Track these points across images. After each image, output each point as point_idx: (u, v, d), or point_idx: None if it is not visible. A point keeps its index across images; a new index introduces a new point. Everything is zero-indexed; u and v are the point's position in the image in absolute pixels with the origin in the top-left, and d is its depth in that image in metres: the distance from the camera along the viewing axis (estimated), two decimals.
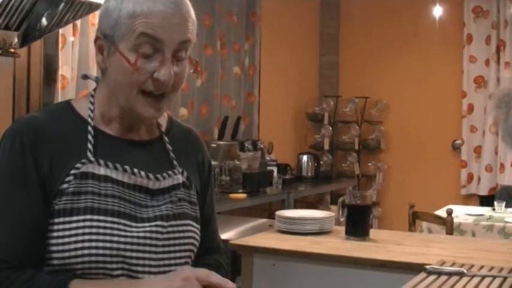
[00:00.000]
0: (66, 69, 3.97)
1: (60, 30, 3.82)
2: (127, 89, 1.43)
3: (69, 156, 1.42)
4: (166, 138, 1.59)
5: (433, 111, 6.86)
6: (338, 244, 2.89)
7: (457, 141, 6.85)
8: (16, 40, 3.27)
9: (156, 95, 1.44)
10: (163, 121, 1.62)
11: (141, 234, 1.42)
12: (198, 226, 1.56)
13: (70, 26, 3.90)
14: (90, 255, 1.36)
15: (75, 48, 4.03)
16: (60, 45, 3.91)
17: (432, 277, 2.21)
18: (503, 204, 5.07)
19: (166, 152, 1.57)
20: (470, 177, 6.77)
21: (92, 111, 1.49)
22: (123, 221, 1.41)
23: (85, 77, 1.61)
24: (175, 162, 1.56)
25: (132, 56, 1.40)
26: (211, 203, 1.69)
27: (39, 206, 1.38)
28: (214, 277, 1.31)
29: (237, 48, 5.86)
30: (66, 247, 1.37)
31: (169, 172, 1.53)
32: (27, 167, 1.39)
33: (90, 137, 1.45)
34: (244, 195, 4.98)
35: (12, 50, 3.29)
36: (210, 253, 1.65)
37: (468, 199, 6.69)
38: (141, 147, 1.53)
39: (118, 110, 1.49)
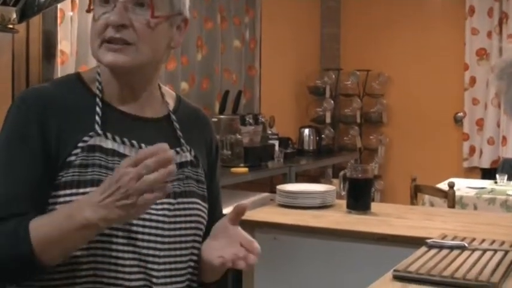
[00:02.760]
0: (65, 45, 3.95)
1: (59, 5, 3.79)
2: (93, 42, 1.45)
3: (77, 129, 1.41)
4: (173, 117, 1.58)
5: (435, 84, 6.83)
6: (339, 218, 2.89)
7: (459, 114, 6.83)
8: (14, 16, 3.25)
9: (118, 43, 1.43)
10: (170, 100, 1.61)
11: (148, 210, 1.40)
12: (206, 205, 1.56)
13: (68, 1, 3.87)
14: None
15: (74, 23, 4.01)
16: (59, 21, 3.88)
17: (433, 251, 2.21)
18: (506, 177, 5.07)
19: (174, 130, 1.56)
20: (472, 150, 6.76)
21: (99, 83, 1.48)
22: None
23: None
24: (182, 140, 1.55)
25: (97, 9, 1.45)
26: (218, 185, 1.69)
27: (39, 172, 1.37)
28: (143, 150, 1.27)
29: (237, 21, 5.82)
30: None
31: (177, 149, 1.52)
32: (31, 134, 1.38)
33: (98, 109, 1.44)
34: (245, 170, 4.97)
35: (10, 26, 3.27)
36: None
37: (470, 172, 6.68)
38: (148, 124, 1.52)
39: (111, 80, 1.49)
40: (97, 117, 1.43)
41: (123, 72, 1.46)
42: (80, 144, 1.40)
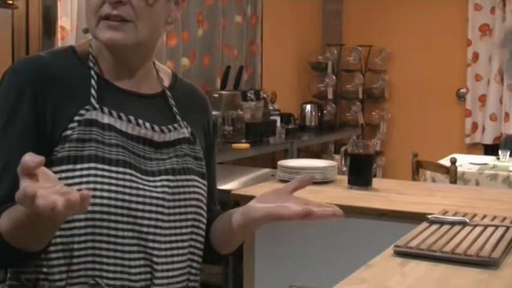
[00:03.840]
0: (65, 21, 3.93)
1: None
2: (89, 20, 1.41)
3: (72, 102, 1.38)
4: (169, 93, 1.55)
5: (438, 60, 6.80)
6: (340, 193, 2.88)
7: (461, 90, 6.80)
8: None
9: (115, 20, 1.39)
10: (166, 77, 1.59)
11: (147, 188, 1.39)
12: (204, 182, 1.53)
13: None
14: (94, 204, 1.32)
15: None
16: None
17: (434, 226, 2.20)
18: (508, 153, 5.05)
19: (169, 107, 1.54)
20: (474, 126, 6.74)
21: (93, 57, 1.46)
22: (128, 171, 1.37)
23: (86, 31, 1.57)
24: (178, 117, 1.53)
25: None
26: (215, 165, 1.67)
27: (30, 147, 1.33)
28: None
29: None
30: None
31: (175, 125, 1.50)
32: (23, 107, 1.35)
33: (93, 83, 1.42)
34: (247, 145, 4.97)
35: (10, 2, 3.25)
36: (210, 209, 1.63)
37: (472, 148, 6.67)
38: (143, 100, 1.50)
39: (106, 55, 1.46)
40: (93, 91, 1.41)
41: (121, 49, 1.43)
42: (77, 118, 1.37)
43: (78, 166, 1.34)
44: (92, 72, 1.44)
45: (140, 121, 1.43)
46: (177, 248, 1.44)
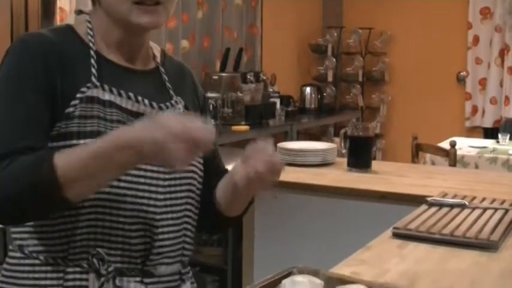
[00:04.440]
0: (64, 2, 3.91)
1: None
2: (121, 5, 1.42)
3: (74, 79, 1.40)
4: (162, 69, 1.58)
5: (438, 43, 6.78)
6: (340, 176, 2.88)
7: (461, 73, 6.79)
8: None
9: (150, 4, 1.42)
10: (157, 53, 1.61)
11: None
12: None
13: None
14: None
15: None
16: None
17: (433, 209, 2.20)
18: (508, 136, 5.05)
19: (163, 83, 1.56)
20: (474, 109, 6.74)
21: (91, 36, 1.47)
22: None
23: (79, 12, 1.56)
24: (171, 92, 1.55)
25: None
26: None
27: (46, 111, 1.36)
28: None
29: None
30: None
31: (172, 101, 1.53)
32: (37, 72, 1.37)
33: (93, 61, 1.43)
34: (246, 127, 4.96)
35: None
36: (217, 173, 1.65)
37: (472, 132, 6.66)
38: (140, 76, 1.52)
39: (116, 36, 1.48)
40: (93, 69, 1.42)
41: (146, 31, 1.48)
42: (79, 95, 1.39)
43: (82, 141, 1.35)
44: (91, 52, 1.45)
45: (139, 98, 1.46)
46: (173, 219, 1.47)
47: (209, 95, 4.95)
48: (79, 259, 1.39)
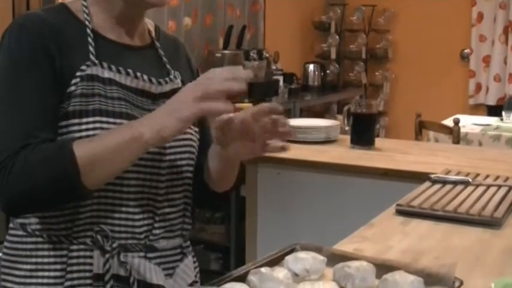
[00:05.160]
0: None
1: None
2: None
3: (73, 58, 1.40)
4: (158, 44, 1.59)
5: (442, 20, 6.74)
6: (343, 153, 2.88)
7: (465, 51, 6.76)
8: None
9: None
10: (151, 28, 1.62)
11: None
12: (195, 129, 1.56)
13: None
14: None
15: None
16: None
17: (437, 186, 2.20)
18: (511, 114, 5.04)
19: (159, 58, 1.57)
20: (478, 87, 6.71)
21: (87, 14, 1.46)
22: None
23: None
24: (168, 66, 1.56)
25: None
26: None
27: (51, 95, 1.36)
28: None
29: None
30: None
31: (171, 76, 1.54)
32: (37, 56, 1.36)
33: (90, 39, 1.43)
34: (249, 105, 4.94)
35: None
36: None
37: (476, 109, 6.64)
38: (137, 52, 1.52)
39: (117, 11, 1.47)
40: (90, 47, 1.42)
41: (150, 8, 1.49)
42: (79, 74, 1.38)
43: (84, 120, 1.36)
44: (88, 31, 1.44)
45: (138, 74, 1.46)
46: (174, 193, 1.49)
47: None
48: (83, 236, 1.39)
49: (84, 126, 1.35)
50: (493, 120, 5.08)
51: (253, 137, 1.42)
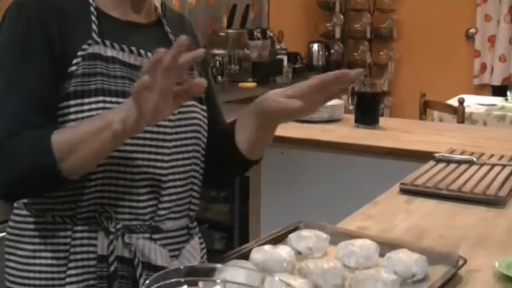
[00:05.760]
0: None
1: None
2: None
3: (75, 36, 1.37)
4: (164, 21, 1.56)
5: (447, 0, 6.70)
6: (347, 132, 2.87)
7: (470, 30, 6.72)
8: None
9: None
10: (158, 5, 1.59)
11: None
12: (203, 107, 1.54)
13: None
14: None
15: None
16: None
17: (441, 165, 2.20)
18: None
19: (166, 35, 1.54)
20: (483, 67, 6.68)
21: None
22: None
23: None
24: (174, 43, 1.52)
25: None
26: (212, 82, 1.66)
27: (49, 79, 1.34)
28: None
29: None
30: None
31: None
32: (36, 38, 1.34)
33: (93, 17, 1.41)
34: (253, 84, 4.94)
35: None
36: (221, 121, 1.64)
37: (480, 89, 6.61)
38: (142, 29, 1.49)
39: None
40: (93, 25, 1.39)
41: None
42: (80, 53, 1.36)
43: (86, 100, 1.34)
44: (91, 8, 1.42)
45: (142, 51, 1.43)
46: (179, 173, 1.46)
47: (216, 51, 4.92)
48: (87, 218, 1.38)
49: (86, 107, 1.33)
50: (498, 100, 5.05)
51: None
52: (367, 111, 2.94)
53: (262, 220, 2.91)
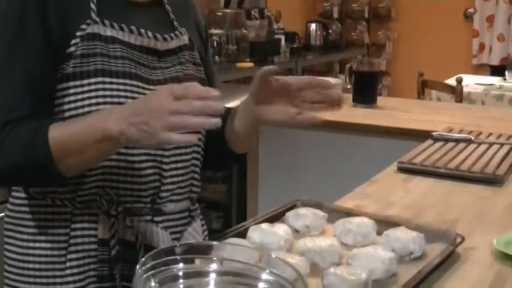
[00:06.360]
0: None
1: None
2: None
3: (73, 16, 1.34)
4: (165, 0, 1.53)
5: None
6: (345, 111, 2.84)
7: (469, 10, 6.69)
8: None
9: None
10: None
11: None
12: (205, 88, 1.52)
13: None
14: None
15: None
16: None
17: (439, 143, 2.19)
18: None
19: (166, 14, 1.51)
20: (481, 46, 6.67)
21: None
22: (135, 83, 1.35)
23: None
24: (175, 23, 1.51)
25: None
26: (211, 65, 1.65)
27: (46, 60, 1.31)
28: (194, 88, 1.18)
29: None
30: (80, 111, 1.31)
31: (176, 32, 1.48)
32: (33, 18, 1.31)
33: None
34: (251, 64, 4.92)
35: None
36: None
37: (479, 69, 6.60)
38: (142, 8, 1.46)
39: None
40: (92, 5, 1.36)
41: None
42: (79, 33, 1.33)
43: (86, 81, 1.32)
44: None
45: (142, 31, 1.40)
46: (181, 154, 1.44)
47: (213, 31, 4.90)
48: (88, 201, 1.36)
49: (86, 88, 1.31)
50: (496, 80, 5.04)
51: (290, 103, 1.38)
52: (365, 90, 2.93)
53: (260, 199, 2.91)
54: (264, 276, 0.96)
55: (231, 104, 1.70)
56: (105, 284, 1.38)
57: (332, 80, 2.78)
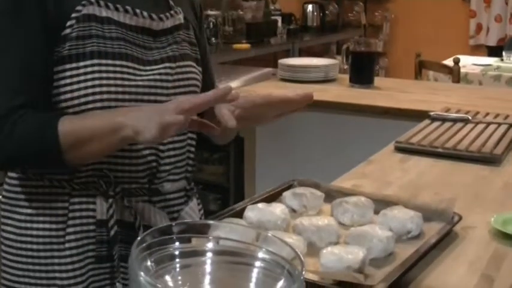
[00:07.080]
0: None
1: None
2: None
3: None
4: None
5: None
6: (342, 92, 2.86)
7: None
8: None
9: None
10: None
11: (151, 77, 1.37)
12: (199, 68, 1.52)
13: None
14: (102, 100, 1.30)
15: None
16: None
17: (436, 123, 2.19)
18: None
19: None
20: (479, 27, 6.64)
21: None
22: (131, 64, 1.35)
23: None
24: (171, 2, 1.50)
25: None
26: (206, 43, 1.64)
27: (43, 43, 1.30)
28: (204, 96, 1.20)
29: None
30: (76, 94, 1.30)
31: (171, 12, 1.47)
32: (26, 5, 1.30)
33: None
34: (247, 46, 4.91)
35: None
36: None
37: (476, 50, 6.58)
38: None
39: None
40: None
41: None
42: (74, 15, 1.32)
43: (81, 64, 1.31)
44: None
45: (137, 11, 1.39)
46: (178, 134, 1.43)
47: (209, 12, 4.88)
48: (85, 182, 1.36)
49: (82, 70, 1.30)
50: (494, 61, 5.03)
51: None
52: (362, 70, 2.93)
53: (258, 181, 2.91)
54: (261, 255, 0.96)
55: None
56: (103, 265, 1.38)
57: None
